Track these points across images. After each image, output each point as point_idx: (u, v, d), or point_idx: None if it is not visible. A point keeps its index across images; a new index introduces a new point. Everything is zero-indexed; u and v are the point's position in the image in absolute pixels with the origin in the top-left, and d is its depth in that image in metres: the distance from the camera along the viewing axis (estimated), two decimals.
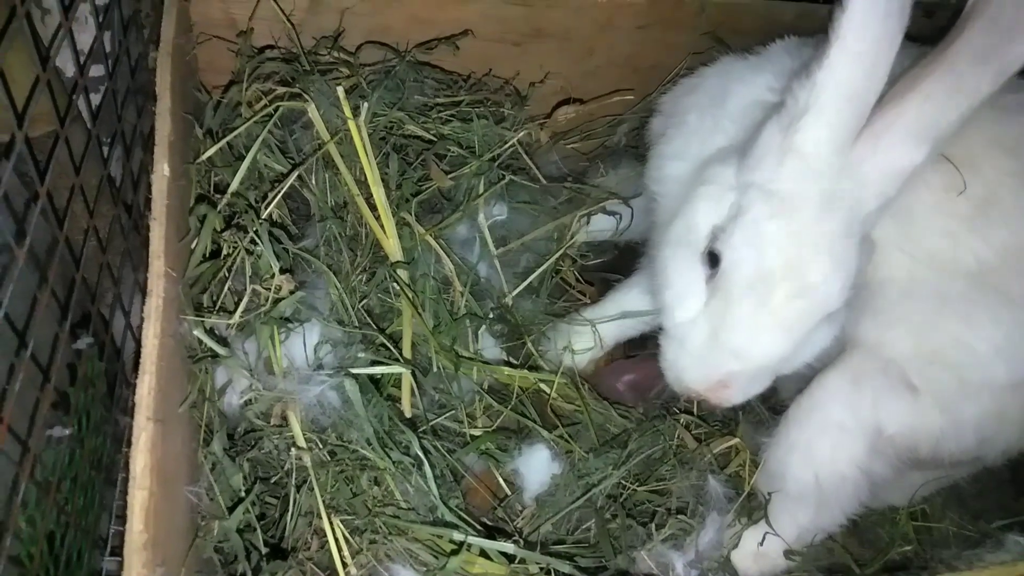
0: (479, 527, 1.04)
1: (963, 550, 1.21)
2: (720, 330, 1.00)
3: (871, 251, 1.04)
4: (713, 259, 1.02)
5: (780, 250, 0.96)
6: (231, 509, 0.96)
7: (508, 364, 1.36)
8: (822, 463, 1.16)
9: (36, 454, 0.96)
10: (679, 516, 1.15)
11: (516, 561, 0.96)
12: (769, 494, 1.23)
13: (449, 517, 0.98)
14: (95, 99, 1.23)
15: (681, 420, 1.36)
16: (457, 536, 0.95)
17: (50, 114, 0.99)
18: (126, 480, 1.27)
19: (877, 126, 0.95)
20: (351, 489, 0.98)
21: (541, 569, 0.96)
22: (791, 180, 0.97)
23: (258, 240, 1.01)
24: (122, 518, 1.29)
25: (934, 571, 1.00)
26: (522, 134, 1.34)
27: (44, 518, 1.01)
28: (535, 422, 1.28)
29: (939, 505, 1.48)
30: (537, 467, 1.24)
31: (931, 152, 0.96)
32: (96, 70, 1.23)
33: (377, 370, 1.06)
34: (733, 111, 1.16)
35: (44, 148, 1.00)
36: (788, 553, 1.25)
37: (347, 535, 0.97)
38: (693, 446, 1.32)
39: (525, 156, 1.38)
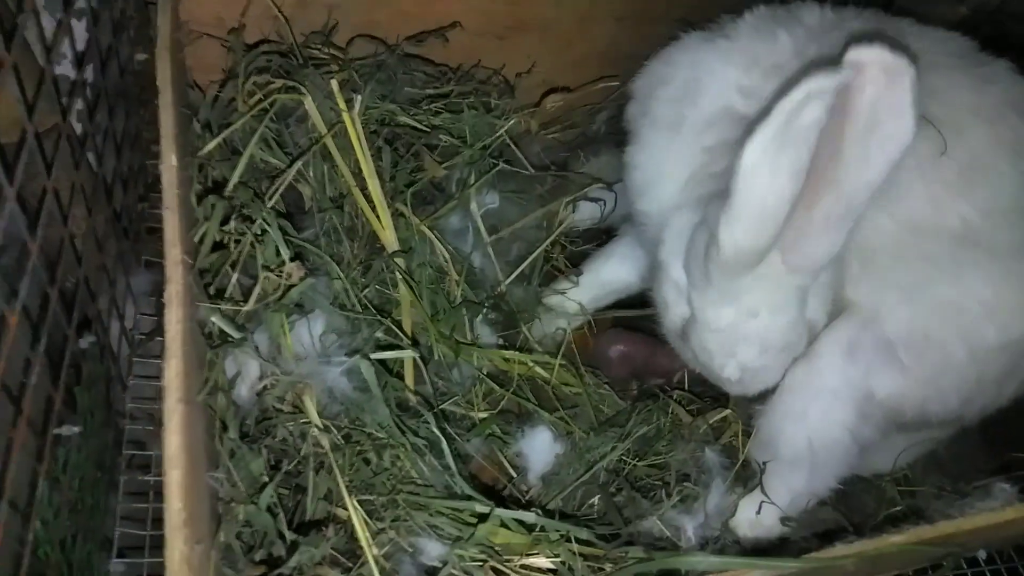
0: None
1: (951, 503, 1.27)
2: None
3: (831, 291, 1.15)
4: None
5: (723, 351, 1.13)
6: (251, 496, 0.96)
7: (504, 349, 1.39)
8: (815, 427, 1.21)
9: (50, 451, 0.96)
10: (685, 483, 1.19)
11: (536, 530, 0.99)
12: (764, 464, 1.27)
13: (468, 491, 1.00)
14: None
15: (675, 396, 1.40)
16: (480, 508, 0.97)
17: (41, 114, 0.99)
18: (128, 482, 1.28)
19: (790, 237, 0.98)
20: (370, 469, 1.00)
21: (561, 536, 0.98)
22: (717, 296, 1.07)
23: (268, 227, 1.02)
24: (126, 519, 1.28)
25: (931, 520, 1.05)
26: (512, 122, 1.37)
27: (58, 516, 1.00)
28: (536, 405, 1.31)
29: (920, 470, 1.55)
30: (540, 448, 1.26)
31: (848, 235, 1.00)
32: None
33: (388, 354, 1.08)
34: (702, 118, 1.21)
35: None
36: (784, 520, 1.30)
37: (366, 517, 0.98)
38: (688, 420, 1.36)
39: (513, 146, 1.42)
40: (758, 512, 1.27)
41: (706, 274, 1.06)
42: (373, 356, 1.04)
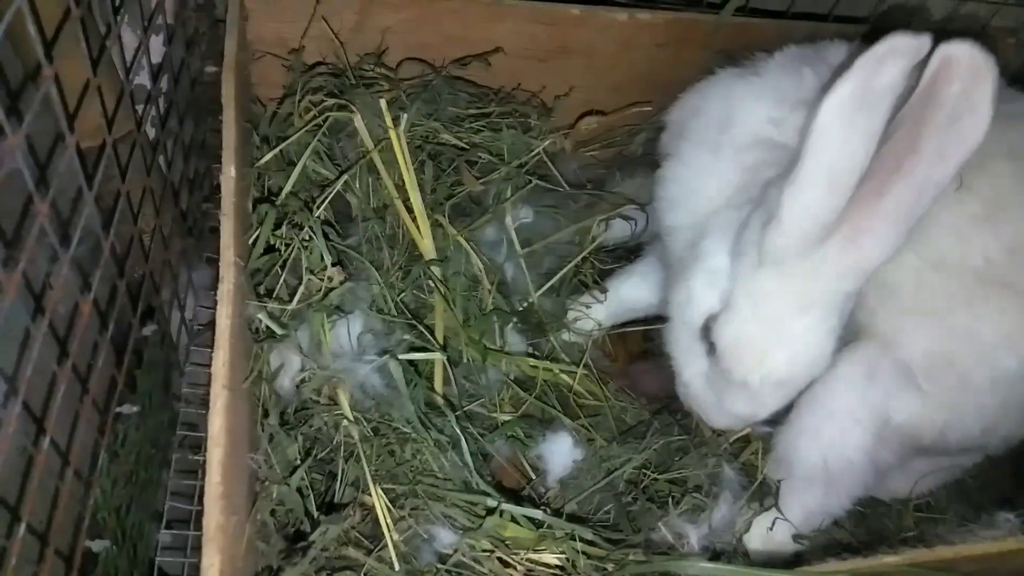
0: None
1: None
2: (722, 400, 1.21)
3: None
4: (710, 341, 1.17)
5: (756, 348, 1.12)
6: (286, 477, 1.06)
7: (532, 357, 1.45)
8: (830, 447, 1.23)
9: (111, 428, 1.07)
10: (695, 494, 1.24)
11: (544, 527, 1.06)
12: (779, 482, 1.31)
13: (483, 486, 1.08)
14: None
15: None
16: (490, 502, 1.04)
17: (119, 122, 1.11)
18: (179, 460, 1.40)
19: (851, 228, 1.02)
20: (394, 460, 1.08)
21: (566, 535, 1.05)
22: (767, 281, 1.09)
23: (313, 234, 1.12)
24: (176, 494, 1.40)
25: (930, 545, 1.07)
26: (547, 143, 1.44)
27: (115, 486, 1.12)
28: (558, 410, 1.37)
29: (944, 498, 1.54)
30: (560, 453, 1.32)
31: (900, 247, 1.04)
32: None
33: (417, 356, 1.16)
34: (739, 142, 1.25)
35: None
36: (796, 537, 1.33)
37: (389, 503, 1.07)
38: (709, 435, 1.40)
39: (549, 164, 1.49)
40: (771, 528, 1.31)
41: (759, 255, 1.09)
42: (402, 357, 1.12)
